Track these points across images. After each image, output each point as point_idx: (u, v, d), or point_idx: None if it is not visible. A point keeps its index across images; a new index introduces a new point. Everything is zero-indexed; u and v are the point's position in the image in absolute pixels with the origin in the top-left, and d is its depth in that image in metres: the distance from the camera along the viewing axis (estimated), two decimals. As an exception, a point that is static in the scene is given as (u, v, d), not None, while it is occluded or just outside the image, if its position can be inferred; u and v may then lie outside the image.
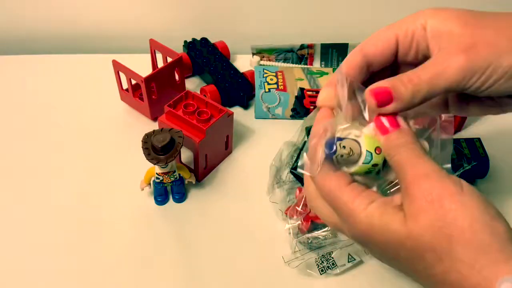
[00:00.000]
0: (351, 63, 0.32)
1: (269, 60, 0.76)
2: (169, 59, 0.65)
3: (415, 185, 0.27)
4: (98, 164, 0.59)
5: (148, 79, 0.59)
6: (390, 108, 0.29)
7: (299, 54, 0.76)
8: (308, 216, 0.49)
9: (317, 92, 0.66)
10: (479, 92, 0.29)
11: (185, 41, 0.75)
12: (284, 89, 0.66)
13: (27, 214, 0.53)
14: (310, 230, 0.49)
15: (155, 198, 0.55)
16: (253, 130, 0.65)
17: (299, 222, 0.49)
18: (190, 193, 0.56)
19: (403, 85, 0.29)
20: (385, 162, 0.30)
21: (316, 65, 0.76)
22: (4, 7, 0.77)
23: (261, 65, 0.75)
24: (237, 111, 0.68)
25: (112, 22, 0.80)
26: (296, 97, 0.65)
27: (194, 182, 0.55)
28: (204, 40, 0.75)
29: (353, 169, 0.31)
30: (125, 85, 0.65)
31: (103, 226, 0.52)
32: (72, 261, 0.49)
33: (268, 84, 0.66)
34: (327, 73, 0.69)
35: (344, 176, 0.30)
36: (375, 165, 0.30)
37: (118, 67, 0.62)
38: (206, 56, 0.72)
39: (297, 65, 0.76)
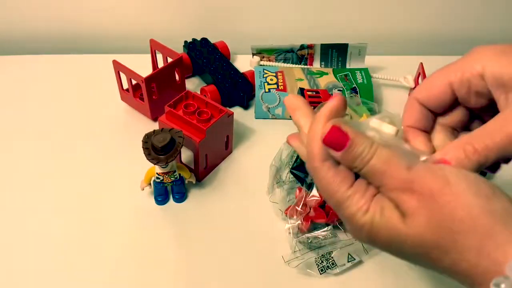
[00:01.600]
0: (411, 116, 0.32)
1: (269, 60, 0.76)
2: (169, 59, 0.65)
3: (402, 189, 0.27)
4: (98, 164, 0.59)
5: (148, 79, 0.60)
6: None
7: (299, 54, 0.76)
8: (308, 216, 0.49)
9: (317, 92, 0.66)
10: None
11: (185, 41, 0.75)
12: (284, 89, 0.66)
13: (27, 214, 0.53)
14: (310, 230, 0.50)
15: (155, 198, 0.55)
16: (253, 130, 0.65)
17: (299, 222, 0.49)
18: (190, 193, 0.57)
19: (467, 157, 0.28)
20: None
21: (316, 65, 0.77)
22: (4, 7, 0.77)
23: (261, 65, 0.75)
24: (237, 111, 0.68)
25: (112, 22, 0.80)
26: (296, 97, 0.65)
27: (194, 182, 0.55)
28: (204, 40, 0.75)
29: None
30: (125, 85, 0.65)
31: (103, 226, 0.52)
32: (72, 261, 0.49)
33: (268, 84, 0.66)
34: (327, 73, 0.69)
35: (349, 173, 0.29)
36: None
37: (118, 67, 0.62)
38: (206, 56, 0.72)
39: (297, 65, 0.76)
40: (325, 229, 0.49)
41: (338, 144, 0.28)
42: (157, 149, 0.48)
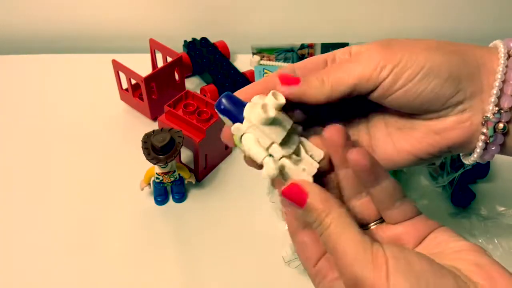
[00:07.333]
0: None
1: (269, 60, 0.76)
2: (169, 59, 0.65)
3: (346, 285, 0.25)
4: (98, 164, 0.59)
5: (148, 79, 0.59)
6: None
7: (299, 54, 0.76)
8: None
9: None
10: (391, 93, 0.28)
11: (185, 41, 0.75)
12: (284, 89, 0.66)
13: (27, 214, 0.53)
14: (310, 230, 0.49)
15: (155, 198, 0.55)
16: (253, 130, 0.65)
17: (299, 222, 0.49)
18: (190, 193, 0.56)
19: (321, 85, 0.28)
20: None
21: (316, 65, 0.76)
22: (4, 7, 0.77)
23: (261, 64, 0.75)
24: (237, 111, 0.67)
25: (112, 22, 0.80)
26: (296, 97, 0.65)
27: (194, 182, 0.55)
28: (204, 40, 0.75)
29: None
30: (125, 85, 0.65)
31: (103, 226, 0.52)
32: (72, 261, 0.49)
33: (268, 84, 0.66)
34: (327, 73, 0.69)
35: (317, 249, 0.29)
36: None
37: (118, 67, 0.62)
38: (206, 56, 0.72)
39: (297, 65, 0.75)
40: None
41: (296, 201, 0.26)
42: (156, 149, 0.48)
